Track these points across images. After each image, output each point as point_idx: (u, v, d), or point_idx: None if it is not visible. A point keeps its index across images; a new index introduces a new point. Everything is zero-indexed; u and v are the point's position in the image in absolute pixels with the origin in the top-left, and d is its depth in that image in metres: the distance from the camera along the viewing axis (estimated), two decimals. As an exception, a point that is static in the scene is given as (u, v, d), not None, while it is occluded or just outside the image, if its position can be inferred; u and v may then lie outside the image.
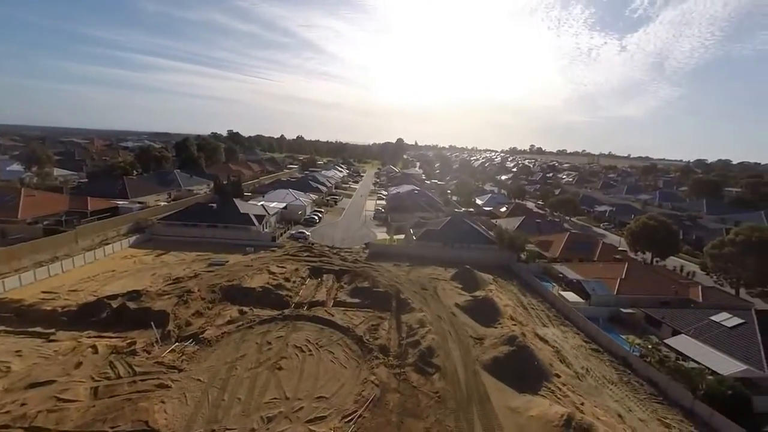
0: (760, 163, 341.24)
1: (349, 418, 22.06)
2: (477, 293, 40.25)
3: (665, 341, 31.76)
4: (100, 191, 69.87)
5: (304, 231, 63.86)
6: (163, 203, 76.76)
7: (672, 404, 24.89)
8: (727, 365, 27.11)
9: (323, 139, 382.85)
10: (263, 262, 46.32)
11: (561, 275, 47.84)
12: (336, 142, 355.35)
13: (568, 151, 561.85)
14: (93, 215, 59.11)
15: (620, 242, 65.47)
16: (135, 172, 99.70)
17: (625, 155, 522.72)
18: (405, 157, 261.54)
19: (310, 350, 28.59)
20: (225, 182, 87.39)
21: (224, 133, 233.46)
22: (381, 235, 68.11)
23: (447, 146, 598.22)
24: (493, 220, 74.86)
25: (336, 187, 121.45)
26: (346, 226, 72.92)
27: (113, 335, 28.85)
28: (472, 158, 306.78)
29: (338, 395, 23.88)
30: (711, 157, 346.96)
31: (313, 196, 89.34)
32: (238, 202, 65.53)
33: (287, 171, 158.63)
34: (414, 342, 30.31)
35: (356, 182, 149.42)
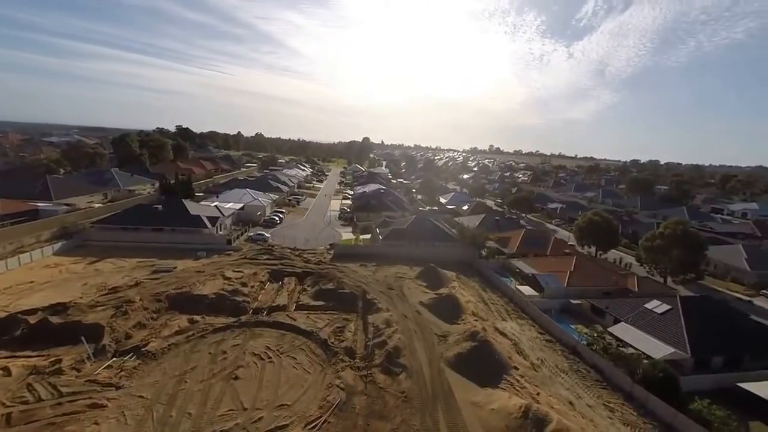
0: (681, 164, 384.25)
1: (313, 424, 21.24)
2: (441, 291, 40.83)
3: (608, 329, 34.10)
4: (16, 192, 62.10)
5: (263, 233, 61.12)
6: (97, 205, 69.69)
7: (615, 389, 26.83)
8: (658, 349, 29.82)
9: (285, 136, 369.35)
10: (217, 267, 43.58)
11: (518, 270, 49.99)
12: (299, 140, 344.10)
13: (524, 152, 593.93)
14: (4, 219, 51.92)
15: (569, 237, 69.96)
16: (62, 171, 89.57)
17: (573, 155, 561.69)
18: (371, 156, 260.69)
19: (270, 357, 27.20)
20: (173, 182, 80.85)
21: (172, 129, 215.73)
22: (347, 235, 66.93)
23: (412, 145, 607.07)
24: (456, 218, 76.72)
25: (299, 187, 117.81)
26: (309, 227, 70.67)
27: (32, 354, 25.48)
28: (436, 157, 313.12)
29: (301, 402, 22.95)
30: (644, 158, 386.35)
31: (274, 196, 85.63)
32: (187, 203, 61.03)
33: (245, 170, 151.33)
34: (381, 342, 29.99)
35: (320, 181, 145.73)
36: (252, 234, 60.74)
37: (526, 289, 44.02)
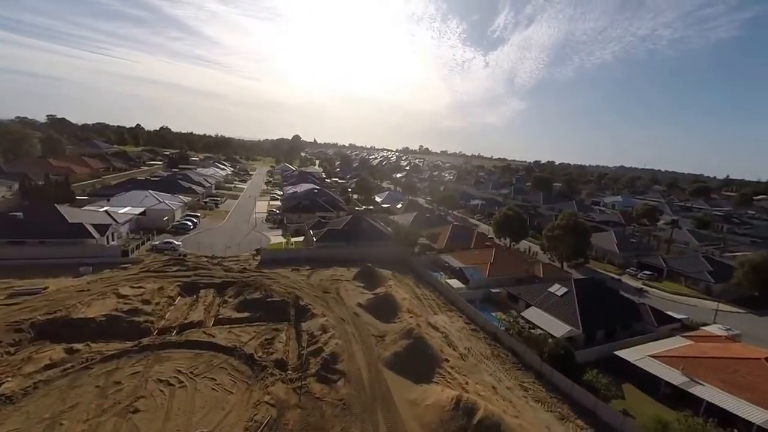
0: (570, 164, 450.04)
1: (240, 450, 19.02)
2: (378, 290, 40.54)
3: (522, 314, 37.20)
4: None
5: (172, 241, 52.89)
6: None
7: (528, 369, 29.33)
8: (559, 328, 33.52)
9: (200, 132, 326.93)
10: (108, 284, 36.68)
11: (447, 264, 52.32)
12: (217, 136, 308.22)
13: (449, 152, 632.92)
14: None
15: (489, 231, 75.98)
16: None
17: (490, 156, 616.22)
18: (303, 154, 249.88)
19: (181, 382, 23.64)
20: (41, 183, 66.06)
21: (42, 119, 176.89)
22: (276, 238, 62.16)
23: (347, 144, 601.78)
24: (391, 217, 77.59)
25: (217, 188, 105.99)
26: (231, 232, 63.32)
27: None
28: (371, 157, 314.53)
29: (223, 426, 20.40)
30: (544, 158, 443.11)
31: (186, 199, 75.53)
32: (64, 208, 50.13)
33: (147, 168, 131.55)
34: (316, 350, 28.40)
35: (244, 181, 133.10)
36: (157, 243, 51.90)
37: (454, 282, 46.04)
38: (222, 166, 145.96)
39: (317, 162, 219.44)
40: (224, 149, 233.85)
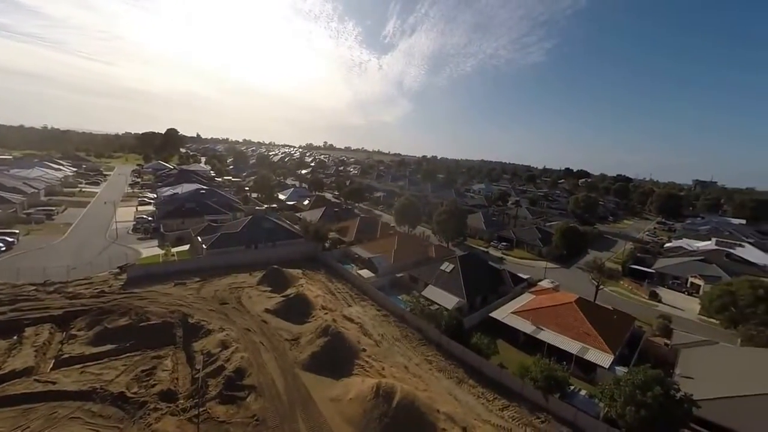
0: (447, 158, 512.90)
1: None
2: (288, 292, 37.27)
3: (422, 293, 39.54)
4: None
5: None
6: None
7: (430, 342, 31.47)
8: (450, 301, 37.35)
9: (17, 122, 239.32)
10: None
11: (357, 255, 52.19)
12: (46, 128, 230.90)
13: (352, 148, 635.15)
14: None
15: (391, 220, 79.52)
16: None
17: (388, 152, 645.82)
18: (184, 151, 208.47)
19: None
20: None
21: None
22: (150, 251, 49.89)
23: (241, 140, 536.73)
24: (298, 214, 72.77)
25: (50, 194, 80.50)
26: (77, 248, 48.25)
27: None
28: (271, 153, 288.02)
29: None
30: (429, 154, 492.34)
31: None
32: None
33: None
34: (217, 369, 24.33)
35: (96, 184, 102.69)
36: None
37: (365, 272, 46.18)
38: (58, 166, 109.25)
39: (203, 159, 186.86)
40: (62, 145, 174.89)
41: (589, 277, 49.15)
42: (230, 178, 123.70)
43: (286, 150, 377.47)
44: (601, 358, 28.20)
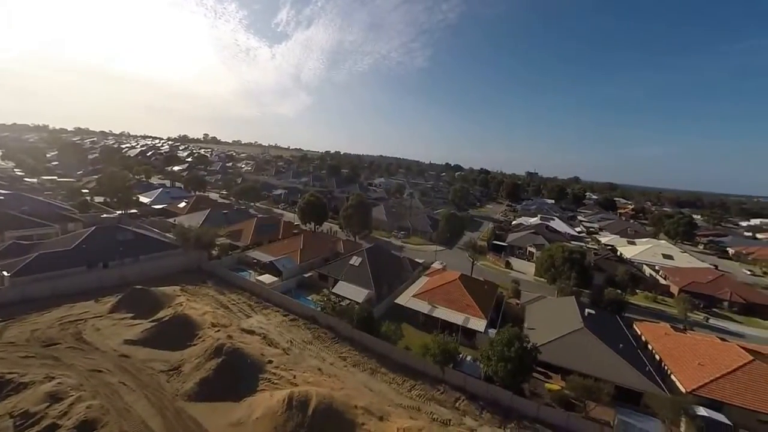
0: (350, 153, 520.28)
1: None
2: (160, 315, 29.83)
3: (332, 290, 38.24)
4: None
5: None
6: None
7: (343, 339, 30.80)
8: (360, 294, 37.56)
9: None
10: None
11: (255, 260, 46.40)
12: None
13: (243, 142, 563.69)
14: None
15: (294, 218, 74.38)
16: None
17: (287, 147, 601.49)
18: None
19: None
20: None
21: None
22: None
23: (72, 129, 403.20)
24: (171, 219, 59.29)
25: None
26: None
27: None
28: (124, 146, 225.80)
29: None
30: (333, 149, 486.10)
31: None
32: None
33: None
34: (45, 430, 17.56)
35: None
36: None
37: (267, 277, 41.57)
38: None
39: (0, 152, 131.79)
40: None
41: (466, 255, 58.30)
42: (54, 178, 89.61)
43: (150, 142, 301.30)
44: (478, 323, 33.22)
